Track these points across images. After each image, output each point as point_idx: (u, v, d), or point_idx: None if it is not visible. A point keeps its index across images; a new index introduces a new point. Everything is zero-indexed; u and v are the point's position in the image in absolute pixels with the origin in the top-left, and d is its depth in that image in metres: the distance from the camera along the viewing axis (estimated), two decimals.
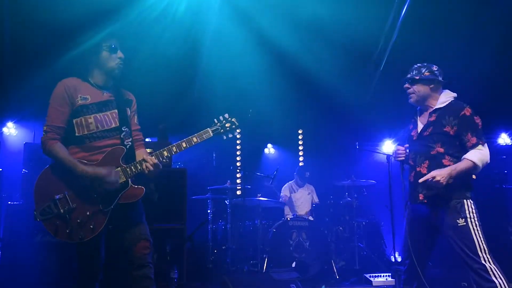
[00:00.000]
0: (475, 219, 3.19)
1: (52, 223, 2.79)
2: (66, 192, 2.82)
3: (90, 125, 2.91)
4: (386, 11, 6.59)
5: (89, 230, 2.80)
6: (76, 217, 2.80)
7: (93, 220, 2.81)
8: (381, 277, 5.47)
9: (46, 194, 2.81)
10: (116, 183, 2.86)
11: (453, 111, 3.33)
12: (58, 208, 2.79)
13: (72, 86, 2.95)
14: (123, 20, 5.52)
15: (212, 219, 6.63)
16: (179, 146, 3.01)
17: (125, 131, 3.03)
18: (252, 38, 6.45)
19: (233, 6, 6.07)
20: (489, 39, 6.51)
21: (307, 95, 7.65)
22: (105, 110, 2.99)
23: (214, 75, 6.85)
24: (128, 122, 3.08)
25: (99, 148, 2.92)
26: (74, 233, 2.78)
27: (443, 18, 6.34)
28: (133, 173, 2.93)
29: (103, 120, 2.96)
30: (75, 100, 2.91)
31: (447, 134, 3.30)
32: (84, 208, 2.82)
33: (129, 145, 3.03)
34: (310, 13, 6.07)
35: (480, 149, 3.21)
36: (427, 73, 3.46)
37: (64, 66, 5.70)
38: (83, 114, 2.91)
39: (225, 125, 3.16)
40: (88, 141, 2.91)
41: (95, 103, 2.97)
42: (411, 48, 6.54)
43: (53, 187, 2.83)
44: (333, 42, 6.67)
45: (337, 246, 6.59)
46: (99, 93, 3.01)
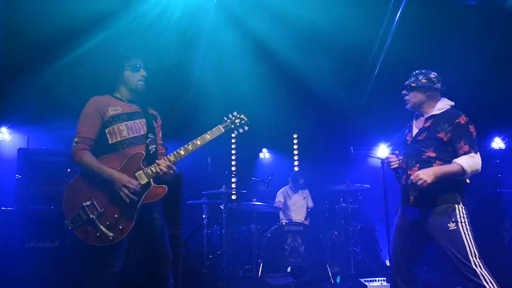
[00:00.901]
0: (466, 223, 3.21)
1: (83, 229, 2.95)
2: (94, 199, 2.99)
3: (122, 131, 3.13)
4: (380, 16, 6.63)
5: (119, 231, 2.96)
6: (105, 220, 2.97)
7: (122, 222, 2.98)
8: (376, 282, 5.46)
9: (75, 203, 2.98)
10: (137, 190, 3.02)
11: (449, 118, 3.35)
12: (87, 214, 2.95)
13: (102, 101, 3.18)
14: (118, 26, 5.53)
15: (207, 224, 6.62)
16: (194, 144, 3.20)
17: (151, 137, 3.26)
18: (247, 43, 6.46)
19: (228, 11, 6.08)
20: (482, 43, 6.55)
21: (302, 99, 7.66)
22: (134, 119, 3.23)
23: (210, 79, 6.85)
24: (154, 130, 3.33)
25: (129, 154, 3.12)
26: (104, 236, 2.93)
27: (437, 23, 6.37)
28: (154, 174, 3.10)
29: (133, 127, 3.19)
30: (105, 112, 3.13)
31: (440, 140, 3.33)
32: (112, 211, 2.99)
33: (152, 150, 3.24)
34: (305, 18, 6.09)
35: (472, 156, 3.23)
36: (424, 80, 3.50)
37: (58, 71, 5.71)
38: (115, 123, 3.13)
39: (235, 121, 3.39)
40: (121, 147, 3.12)
41: (125, 113, 3.21)
42: (405, 53, 6.57)
43: (81, 195, 3.00)
44: (327, 47, 6.69)
45: (332, 251, 6.59)
46: (128, 105, 3.26)
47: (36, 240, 4.49)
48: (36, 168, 4.77)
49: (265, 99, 7.02)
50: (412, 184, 3.27)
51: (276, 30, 6.28)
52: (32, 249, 4.45)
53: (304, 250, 6.10)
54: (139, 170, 3.09)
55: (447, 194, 3.25)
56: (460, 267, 3.15)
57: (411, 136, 3.55)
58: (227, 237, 6.45)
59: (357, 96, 7.61)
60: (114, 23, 5.54)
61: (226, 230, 6.46)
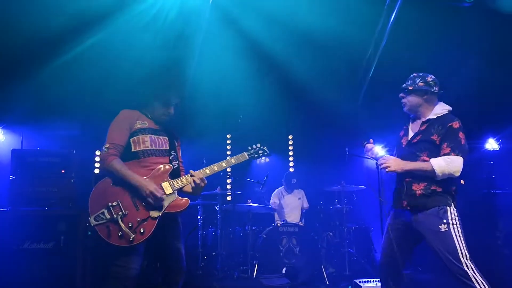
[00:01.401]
0: (457, 225, 3.22)
1: (105, 228, 3.08)
2: (120, 201, 3.15)
3: (146, 142, 3.34)
4: (375, 17, 6.65)
5: (139, 234, 3.10)
6: (128, 221, 3.11)
7: (143, 226, 3.12)
8: (371, 283, 5.47)
9: (101, 202, 3.14)
10: (161, 198, 3.18)
11: (443, 121, 3.39)
12: (111, 214, 3.10)
13: (132, 114, 3.42)
14: (113, 26, 5.51)
15: (202, 225, 6.61)
16: (220, 165, 3.52)
17: (173, 155, 3.49)
18: (242, 44, 6.46)
19: (223, 13, 6.07)
20: (477, 45, 6.59)
21: (297, 101, 7.67)
22: (159, 134, 3.46)
23: (205, 80, 6.84)
24: (175, 148, 3.57)
25: (150, 164, 3.31)
26: (126, 236, 3.06)
27: (432, 24, 6.40)
28: (179, 186, 3.33)
29: (157, 141, 3.41)
30: (134, 124, 3.36)
31: (433, 142, 3.35)
32: (135, 215, 3.14)
33: (175, 166, 3.46)
34: (300, 19, 6.09)
35: (448, 158, 3.24)
36: (422, 83, 3.52)
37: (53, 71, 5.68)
38: (140, 134, 3.35)
39: (259, 152, 3.85)
40: (143, 156, 3.31)
41: (151, 128, 3.44)
42: (401, 55, 6.59)
43: (107, 196, 3.16)
44: (323, 49, 6.70)
45: (327, 252, 6.60)
46: (154, 123, 3.49)
47: (30, 242, 4.48)
48: (30, 169, 4.76)
49: (261, 100, 7.03)
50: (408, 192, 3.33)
51: (271, 31, 6.28)
52: (26, 251, 4.44)
53: (299, 251, 6.10)
54: (166, 181, 3.29)
55: (438, 196, 3.27)
56: (451, 268, 3.17)
57: (406, 139, 3.56)
58: (222, 238, 6.44)
59: (352, 97, 7.62)
60: (109, 23, 5.52)
61: (221, 231, 6.45)
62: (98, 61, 5.67)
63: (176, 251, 3.35)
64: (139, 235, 3.10)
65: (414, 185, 3.36)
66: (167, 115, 3.49)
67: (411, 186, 3.38)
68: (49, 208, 4.66)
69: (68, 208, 4.67)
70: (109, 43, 5.58)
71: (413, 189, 3.37)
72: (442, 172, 3.22)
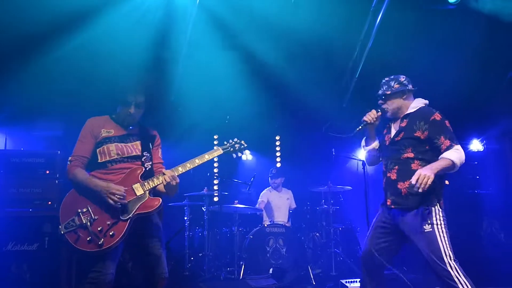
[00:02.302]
0: (442, 225, 3.22)
1: (74, 234, 3.05)
2: (89, 206, 3.12)
3: (111, 152, 3.27)
4: (361, 19, 6.70)
5: (109, 237, 3.04)
6: (97, 226, 3.06)
7: (113, 229, 3.07)
8: (357, 283, 5.50)
9: (71, 210, 3.11)
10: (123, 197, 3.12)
11: (423, 116, 3.38)
12: (81, 219, 3.06)
13: (96, 123, 3.35)
14: (100, 26, 5.48)
15: (189, 226, 6.58)
16: (193, 162, 3.44)
17: (146, 155, 3.40)
18: (229, 45, 6.47)
19: (210, 13, 6.08)
20: (461, 47, 6.67)
21: (285, 102, 7.68)
22: (126, 142, 3.37)
23: (192, 81, 6.82)
24: (150, 150, 3.46)
25: (119, 170, 3.26)
26: (95, 240, 3.02)
27: (416, 26, 6.46)
28: (150, 186, 3.25)
29: (124, 149, 3.32)
30: (99, 134, 3.30)
31: (417, 138, 3.35)
32: (105, 219, 3.10)
33: (148, 167, 3.38)
34: (286, 21, 6.12)
35: (457, 149, 3.24)
36: (397, 85, 3.54)
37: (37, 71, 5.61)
38: (105, 144, 3.28)
39: (235, 146, 3.70)
40: (110, 165, 3.26)
41: (118, 135, 3.35)
42: (386, 56, 6.64)
43: (77, 204, 3.13)
44: (309, 50, 6.73)
45: (313, 252, 6.62)
46: (122, 129, 3.40)
47: (14, 243, 4.43)
48: (14, 170, 4.71)
49: (248, 101, 7.03)
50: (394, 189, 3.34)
51: (258, 32, 6.29)
52: (10, 252, 4.39)
53: (285, 252, 6.11)
54: (137, 183, 3.24)
55: (424, 196, 3.25)
56: (435, 268, 3.17)
57: (389, 137, 3.57)
58: (209, 239, 6.43)
59: (339, 98, 7.66)
60: (94, 23, 5.49)
61: (208, 232, 6.44)
62: (83, 62, 5.62)
63: (155, 258, 3.26)
64: (109, 238, 3.04)
65: (400, 184, 3.36)
66: (129, 115, 3.37)
67: (396, 185, 3.37)
68: (33, 209, 4.61)
69: (52, 209, 4.61)
70: (93, 44, 5.54)
71: (398, 188, 3.36)
72: (460, 162, 3.21)
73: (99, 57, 5.51)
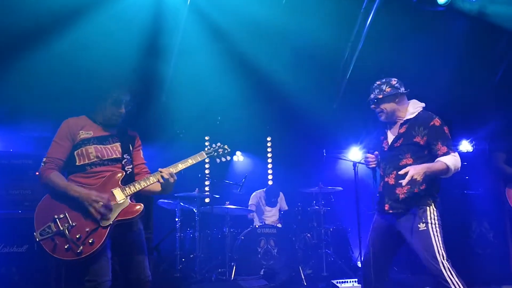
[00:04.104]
0: (436, 225, 3.26)
1: (51, 242, 2.90)
2: (67, 213, 2.96)
3: (91, 154, 3.13)
4: (352, 20, 6.72)
5: (88, 245, 2.90)
6: (75, 233, 2.91)
7: (92, 236, 2.93)
8: (348, 283, 5.52)
9: (47, 216, 2.95)
10: (107, 206, 2.98)
11: (423, 121, 3.40)
12: (58, 226, 2.91)
13: (74, 124, 3.19)
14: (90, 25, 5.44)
15: (180, 228, 6.56)
16: (176, 167, 3.30)
17: (127, 158, 3.27)
18: (219, 46, 6.46)
19: (201, 15, 6.08)
20: (451, 48, 6.72)
21: (276, 103, 7.69)
22: (106, 144, 3.22)
23: (183, 82, 6.81)
24: (130, 153, 3.32)
25: (98, 173, 3.13)
26: (73, 248, 2.88)
27: (407, 28, 6.51)
28: (131, 192, 3.12)
29: (104, 151, 3.18)
30: (76, 135, 3.15)
31: (417, 144, 3.37)
32: (83, 225, 2.95)
33: (129, 171, 3.25)
34: (277, 22, 6.13)
35: (454, 155, 3.28)
36: (389, 89, 3.53)
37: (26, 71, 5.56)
38: (84, 145, 3.14)
39: (218, 150, 3.58)
40: (89, 168, 3.12)
41: (97, 137, 3.21)
42: (377, 57, 6.68)
43: (54, 209, 2.97)
44: (300, 51, 6.75)
45: (305, 253, 6.63)
46: (102, 129, 3.25)
47: (2, 245, 4.38)
48: (3, 172, 4.66)
49: (239, 102, 7.03)
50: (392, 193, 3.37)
51: (249, 34, 6.30)
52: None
53: (277, 253, 6.12)
54: (117, 188, 3.11)
55: (419, 197, 3.30)
56: (428, 267, 3.21)
57: (387, 143, 3.57)
58: (200, 240, 6.41)
59: (330, 99, 7.69)
60: (86, 22, 5.46)
61: (199, 233, 6.42)
62: (72, 61, 5.58)
63: (137, 264, 3.17)
64: (89, 246, 2.89)
65: (398, 189, 3.37)
66: (118, 115, 3.25)
67: (394, 190, 3.40)
68: (22, 211, 4.57)
69: None
70: (83, 44, 5.50)
71: (396, 193, 3.38)
72: (455, 168, 3.27)
73: (89, 57, 5.48)
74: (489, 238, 6.33)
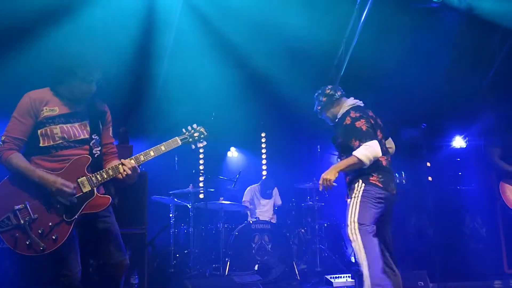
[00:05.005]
0: (358, 198, 3.47)
1: (11, 236, 2.65)
2: (28, 203, 2.70)
3: (56, 135, 2.81)
4: (346, 17, 6.73)
5: (51, 241, 2.67)
6: (37, 227, 2.67)
7: (56, 231, 2.69)
8: (342, 278, 5.55)
9: (6, 206, 2.68)
10: (73, 196, 2.73)
11: (340, 123, 3.70)
12: (18, 219, 2.65)
13: (38, 98, 2.84)
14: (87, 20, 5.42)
15: (174, 223, 6.56)
16: (147, 154, 2.95)
17: (95, 139, 2.94)
18: (214, 42, 6.45)
19: (195, 10, 6.06)
20: (445, 44, 6.75)
21: (270, 99, 7.69)
22: (73, 122, 2.89)
23: (177, 78, 6.79)
24: (99, 132, 2.98)
25: (65, 157, 2.82)
26: (35, 245, 2.65)
27: (401, 24, 6.52)
28: (99, 182, 2.83)
29: (71, 131, 2.86)
30: (39, 112, 2.81)
31: (341, 144, 3.64)
32: (46, 219, 2.70)
33: (97, 154, 2.93)
34: (272, 18, 6.13)
35: (366, 145, 3.43)
36: (324, 98, 3.84)
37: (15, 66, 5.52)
38: (49, 125, 2.81)
39: (194, 135, 3.13)
40: (54, 151, 2.81)
41: (63, 114, 2.87)
42: (371, 53, 6.69)
43: (13, 198, 2.70)
44: (295, 48, 6.75)
45: (299, 248, 6.65)
46: (69, 105, 2.91)
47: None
48: None
49: (233, 98, 7.02)
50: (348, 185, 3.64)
51: (243, 30, 6.29)
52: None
53: (271, 248, 6.13)
54: (83, 177, 2.81)
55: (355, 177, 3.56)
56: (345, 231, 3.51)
57: None
58: (194, 236, 6.41)
59: None
60: (81, 16, 5.43)
61: (193, 229, 6.42)
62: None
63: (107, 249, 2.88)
64: (51, 242, 2.66)
65: (347, 178, 3.68)
66: (88, 92, 2.91)
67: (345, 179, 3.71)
68: None
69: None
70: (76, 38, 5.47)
71: (346, 180, 3.69)
72: (368, 159, 3.41)
73: None
74: (481, 233, 6.37)
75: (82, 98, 2.94)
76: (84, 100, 2.97)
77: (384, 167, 3.57)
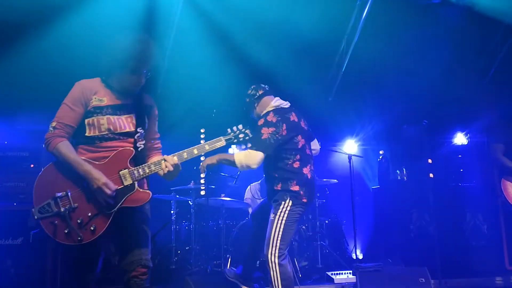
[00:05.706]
0: (283, 219, 3.61)
1: (51, 223, 2.67)
2: (69, 191, 2.71)
3: (102, 126, 2.82)
4: (348, 13, 6.71)
5: (89, 232, 2.69)
6: (77, 217, 2.69)
7: (94, 222, 2.71)
8: (343, 275, 5.56)
9: (47, 192, 2.70)
10: (110, 198, 2.73)
11: (258, 120, 3.85)
12: (58, 206, 2.67)
13: (88, 87, 2.86)
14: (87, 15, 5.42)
15: (176, 220, 6.57)
16: (190, 152, 3.01)
17: (140, 132, 2.95)
18: (215, 38, 6.44)
19: (195, 6, 6.05)
20: (446, 40, 6.73)
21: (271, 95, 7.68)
22: (120, 114, 2.90)
23: (178, 74, 6.79)
24: (145, 126, 3.00)
25: (108, 148, 2.83)
26: (74, 234, 2.67)
27: (403, 20, 6.51)
28: (140, 176, 2.83)
29: (117, 123, 2.86)
30: (89, 101, 2.82)
31: None
32: (86, 209, 2.72)
33: (141, 147, 2.94)
34: (273, 14, 6.12)
35: (249, 152, 3.57)
36: (248, 99, 4.06)
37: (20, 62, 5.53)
38: (96, 115, 2.82)
39: (239, 136, 3.18)
40: (99, 141, 2.82)
41: (111, 105, 2.88)
42: (373, 50, 6.68)
43: (55, 185, 2.72)
44: (296, 44, 6.74)
45: (300, 245, 6.64)
46: (117, 97, 2.92)
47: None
48: None
49: (234, 94, 7.00)
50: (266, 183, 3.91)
51: (244, 25, 6.28)
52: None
53: None
54: (125, 169, 2.80)
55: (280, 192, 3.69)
56: (264, 251, 3.64)
57: None
58: (195, 232, 6.42)
59: (325, 92, 7.68)
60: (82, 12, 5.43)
61: (194, 225, 6.43)
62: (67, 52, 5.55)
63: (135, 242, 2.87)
64: (89, 233, 2.68)
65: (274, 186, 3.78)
66: (137, 85, 2.93)
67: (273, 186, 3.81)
68: (17, 203, 4.56)
69: None
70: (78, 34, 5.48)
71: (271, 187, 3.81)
72: (240, 164, 3.60)
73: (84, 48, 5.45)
74: (483, 230, 6.38)
75: (131, 90, 2.95)
76: (133, 93, 2.98)
77: (308, 181, 3.76)
